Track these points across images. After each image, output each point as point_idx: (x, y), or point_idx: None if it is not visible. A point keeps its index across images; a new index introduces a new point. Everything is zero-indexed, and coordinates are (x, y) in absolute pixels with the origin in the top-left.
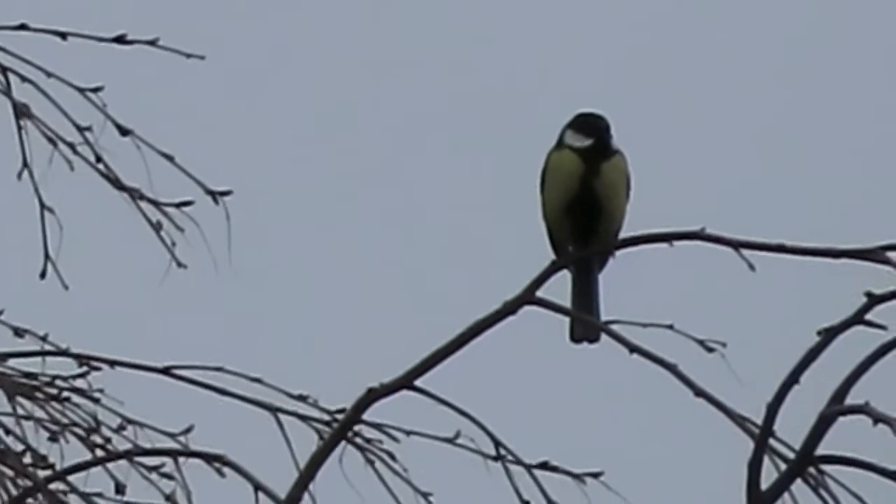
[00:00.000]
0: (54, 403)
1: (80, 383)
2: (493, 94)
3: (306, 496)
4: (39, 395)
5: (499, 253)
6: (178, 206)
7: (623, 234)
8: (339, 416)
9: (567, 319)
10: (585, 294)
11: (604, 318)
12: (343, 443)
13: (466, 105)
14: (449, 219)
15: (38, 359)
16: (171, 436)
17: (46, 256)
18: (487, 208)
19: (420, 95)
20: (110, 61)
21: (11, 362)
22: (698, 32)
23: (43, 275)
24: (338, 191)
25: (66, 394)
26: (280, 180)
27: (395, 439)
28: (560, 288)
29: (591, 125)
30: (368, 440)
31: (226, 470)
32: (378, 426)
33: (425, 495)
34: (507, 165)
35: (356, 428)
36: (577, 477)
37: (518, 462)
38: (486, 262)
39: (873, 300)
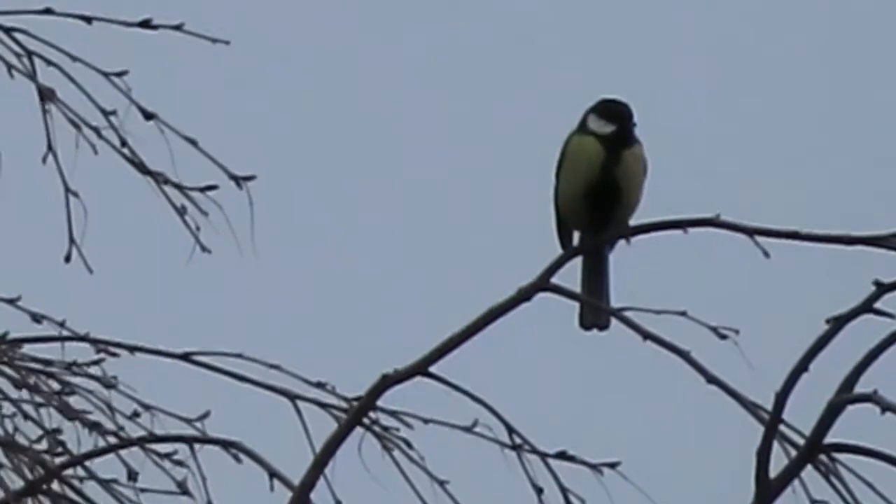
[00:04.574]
0: (62, 396)
1: (94, 370)
2: (513, 76)
3: (321, 482)
4: (54, 382)
5: (513, 238)
6: (202, 190)
7: (638, 221)
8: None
9: (577, 306)
10: (597, 280)
11: (615, 304)
12: (360, 431)
13: (484, 88)
14: (464, 204)
15: (56, 344)
16: (188, 421)
17: (71, 240)
18: (503, 194)
19: (441, 79)
20: (135, 46)
21: (27, 348)
22: (713, 17)
23: (68, 259)
24: (358, 177)
25: (80, 381)
26: (302, 166)
27: (409, 426)
28: (570, 274)
29: (615, 112)
30: (386, 428)
31: (241, 457)
32: (395, 413)
33: (442, 483)
34: (524, 150)
35: (374, 416)
36: (594, 467)
37: (534, 451)
38: (502, 247)
39: (882, 289)
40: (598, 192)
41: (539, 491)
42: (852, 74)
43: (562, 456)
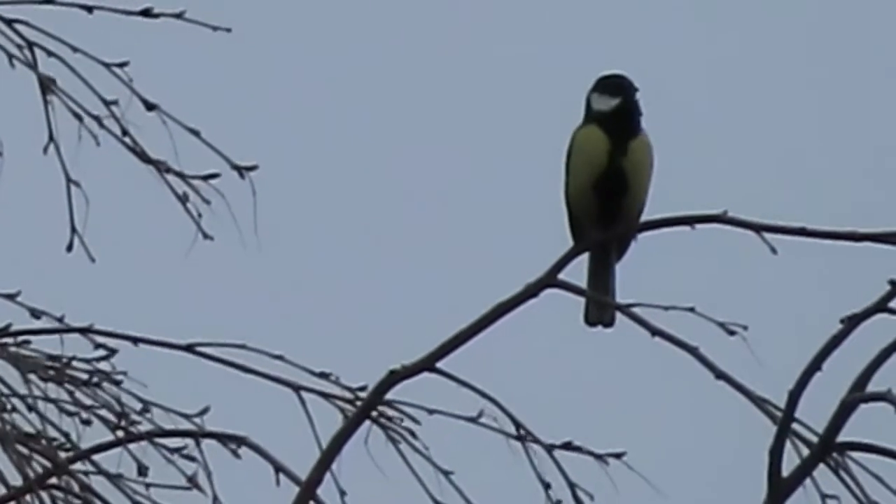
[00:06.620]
0: (84, 388)
1: (103, 366)
2: (517, 73)
3: (327, 477)
4: (66, 378)
5: (520, 234)
6: (204, 178)
7: (645, 217)
8: (362, 394)
9: (582, 303)
10: (602, 277)
11: (623, 300)
12: (366, 422)
13: (495, 82)
14: (472, 200)
15: (65, 340)
16: (187, 417)
17: (73, 230)
18: (510, 189)
19: (451, 72)
20: (136, 35)
21: (36, 344)
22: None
23: (70, 248)
24: (364, 168)
25: (94, 378)
26: (306, 155)
27: (416, 421)
28: (576, 270)
29: (616, 84)
30: (391, 419)
31: (246, 451)
32: (402, 403)
33: (446, 473)
34: (534, 145)
35: (380, 407)
36: (599, 457)
37: (539, 442)
38: (508, 243)
39: None
40: (606, 183)
41: (547, 486)
42: (861, 68)
43: (567, 447)
